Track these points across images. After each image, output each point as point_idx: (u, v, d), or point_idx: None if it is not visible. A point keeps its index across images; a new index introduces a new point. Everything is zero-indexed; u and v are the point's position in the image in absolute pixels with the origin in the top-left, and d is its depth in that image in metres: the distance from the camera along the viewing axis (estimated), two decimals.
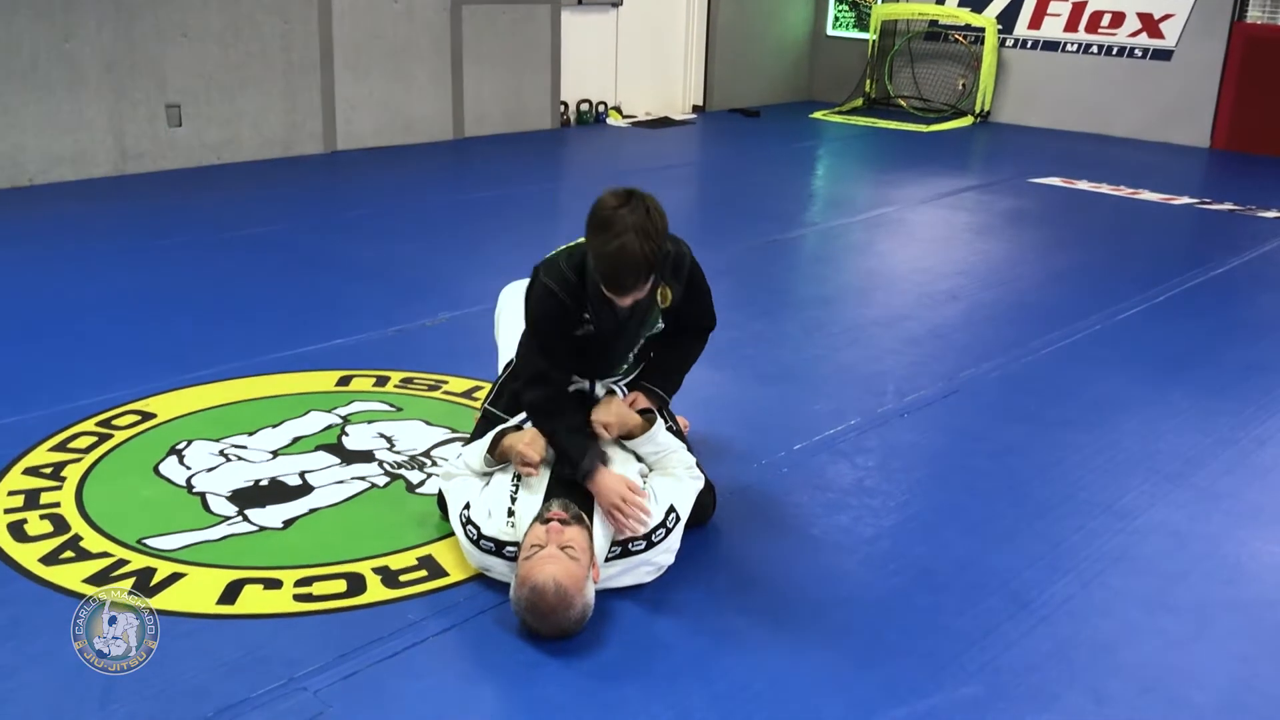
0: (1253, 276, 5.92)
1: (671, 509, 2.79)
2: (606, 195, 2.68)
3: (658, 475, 2.88)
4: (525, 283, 3.58)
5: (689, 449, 3.00)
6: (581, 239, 2.77)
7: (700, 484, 2.92)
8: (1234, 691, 2.52)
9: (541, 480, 2.79)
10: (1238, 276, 5.89)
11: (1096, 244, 6.54)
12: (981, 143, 10.05)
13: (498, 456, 2.87)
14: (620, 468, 2.84)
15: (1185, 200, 7.68)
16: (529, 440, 2.82)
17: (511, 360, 3.17)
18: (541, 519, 2.60)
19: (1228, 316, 5.20)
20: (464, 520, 2.78)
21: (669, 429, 2.99)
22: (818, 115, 10.87)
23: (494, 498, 2.78)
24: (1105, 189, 7.95)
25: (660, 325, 2.96)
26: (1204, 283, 5.70)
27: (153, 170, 7.22)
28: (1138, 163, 9.02)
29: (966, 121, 10.69)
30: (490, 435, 2.91)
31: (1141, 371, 4.42)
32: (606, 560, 2.71)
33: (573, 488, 2.76)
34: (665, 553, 2.79)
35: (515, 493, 2.77)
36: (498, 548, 2.70)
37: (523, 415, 2.97)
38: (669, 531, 2.77)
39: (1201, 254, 6.41)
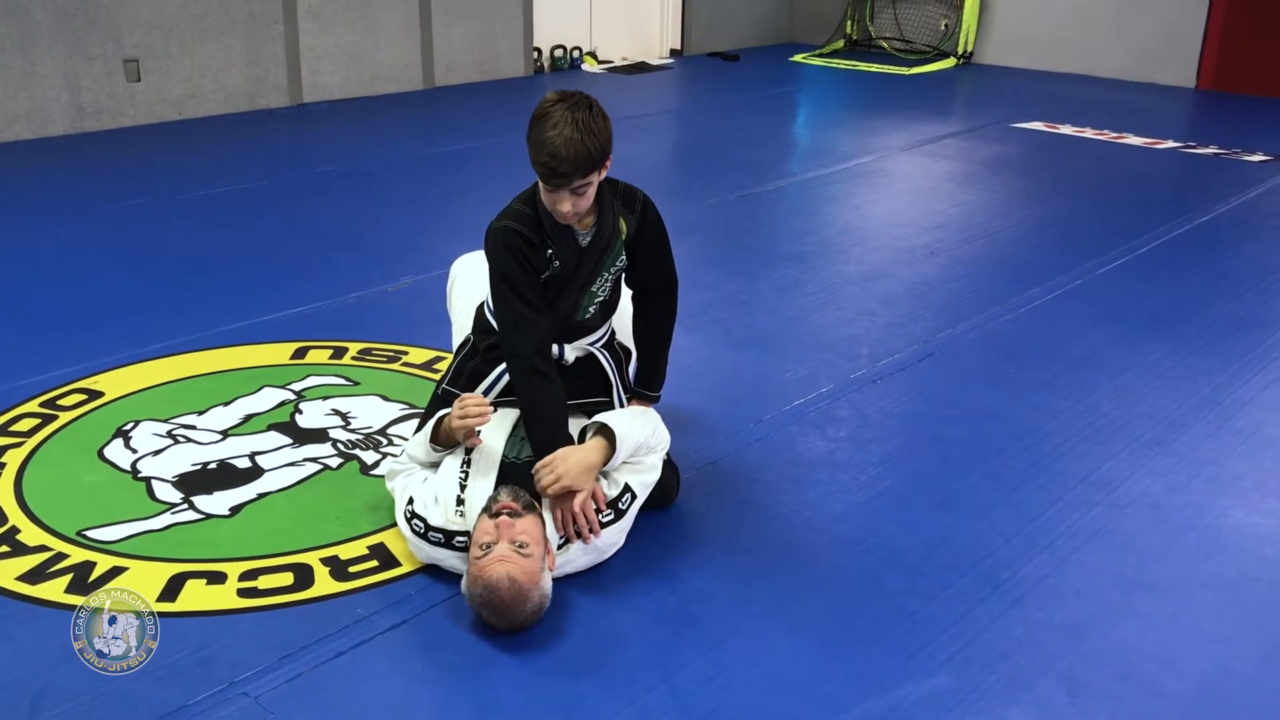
0: (1238, 224, 5.79)
1: (627, 488, 2.68)
2: (549, 93, 2.63)
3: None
4: (477, 254, 3.47)
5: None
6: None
7: (659, 469, 2.80)
8: (1213, 677, 2.42)
9: (492, 464, 2.66)
10: (1222, 225, 5.77)
11: (1079, 193, 6.40)
12: (964, 86, 9.85)
13: (443, 441, 2.72)
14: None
15: (1170, 144, 7.53)
16: (463, 409, 2.60)
17: (469, 338, 3.03)
18: (490, 512, 2.47)
19: (1212, 268, 5.08)
20: (408, 516, 2.63)
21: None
22: (798, 58, 10.65)
23: (442, 484, 2.63)
24: (1089, 133, 7.79)
25: (623, 260, 2.83)
26: (1188, 232, 5.58)
27: (112, 128, 7.02)
28: (1122, 105, 8.86)
29: (949, 63, 10.48)
30: (430, 424, 2.76)
31: (1122, 329, 4.30)
32: (559, 548, 2.60)
33: (525, 471, 2.64)
34: (617, 532, 2.68)
35: (465, 479, 2.64)
36: (447, 539, 2.58)
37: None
38: (620, 514, 2.66)
39: (1186, 201, 6.28)
